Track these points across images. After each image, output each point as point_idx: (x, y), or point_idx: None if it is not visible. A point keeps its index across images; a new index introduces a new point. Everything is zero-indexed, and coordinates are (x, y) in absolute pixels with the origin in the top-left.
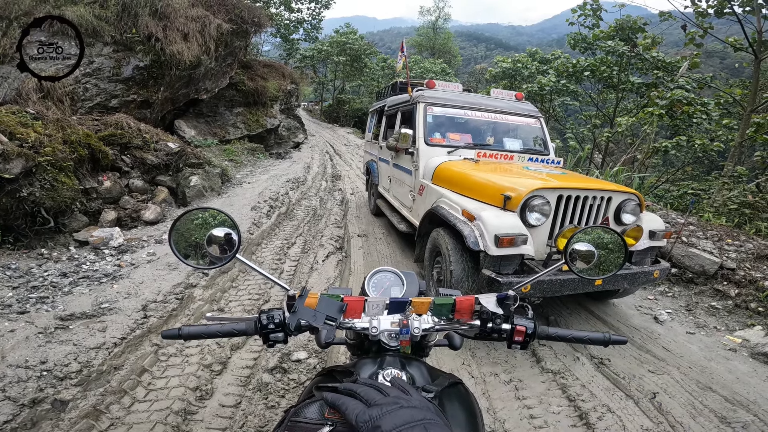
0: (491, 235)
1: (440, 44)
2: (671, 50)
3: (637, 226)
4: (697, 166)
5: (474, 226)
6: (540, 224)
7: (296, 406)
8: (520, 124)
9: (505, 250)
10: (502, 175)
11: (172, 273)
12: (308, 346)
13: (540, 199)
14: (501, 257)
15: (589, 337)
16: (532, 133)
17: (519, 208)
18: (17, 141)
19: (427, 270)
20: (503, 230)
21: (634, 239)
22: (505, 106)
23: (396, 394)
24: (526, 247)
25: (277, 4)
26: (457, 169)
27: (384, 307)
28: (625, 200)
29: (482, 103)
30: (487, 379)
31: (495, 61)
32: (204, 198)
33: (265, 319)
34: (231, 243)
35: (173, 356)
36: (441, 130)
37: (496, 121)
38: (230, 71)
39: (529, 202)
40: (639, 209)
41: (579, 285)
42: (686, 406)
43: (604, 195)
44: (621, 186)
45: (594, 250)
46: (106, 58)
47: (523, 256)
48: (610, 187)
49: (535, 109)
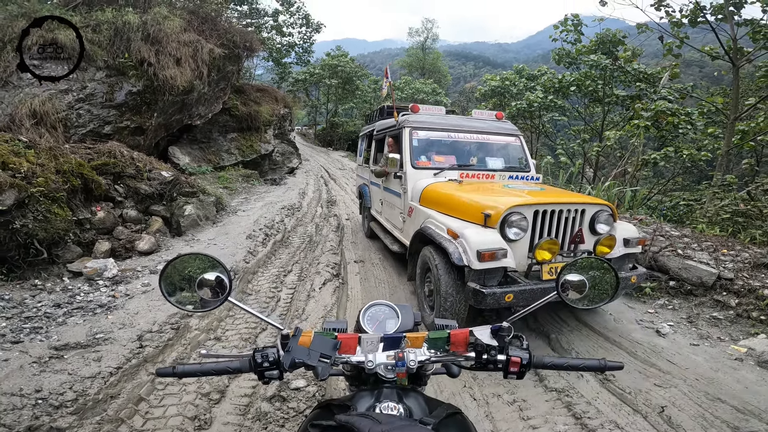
0: (473, 250)
1: (430, 64)
2: (651, 61)
3: (610, 235)
4: (686, 176)
5: (458, 244)
6: (519, 238)
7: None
8: (501, 143)
9: (487, 264)
10: (482, 195)
11: (167, 303)
12: (307, 374)
13: (517, 215)
14: (484, 271)
15: (584, 364)
16: (513, 151)
17: (498, 225)
18: (10, 171)
19: (419, 286)
20: (484, 246)
21: (609, 247)
22: (486, 127)
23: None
24: (507, 260)
25: (268, 29)
26: (442, 191)
27: (378, 342)
28: (599, 211)
29: (464, 124)
30: (490, 401)
31: (484, 80)
32: (199, 227)
33: (260, 358)
34: (222, 286)
35: (171, 385)
36: (427, 153)
37: (478, 141)
38: (223, 96)
39: (508, 219)
40: (612, 219)
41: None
42: (697, 418)
43: (578, 207)
44: (593, 198)
45: (585, 280)
46: (99, 83)
47: (506, 268)
48: (583, 199)
49: (515, 127)
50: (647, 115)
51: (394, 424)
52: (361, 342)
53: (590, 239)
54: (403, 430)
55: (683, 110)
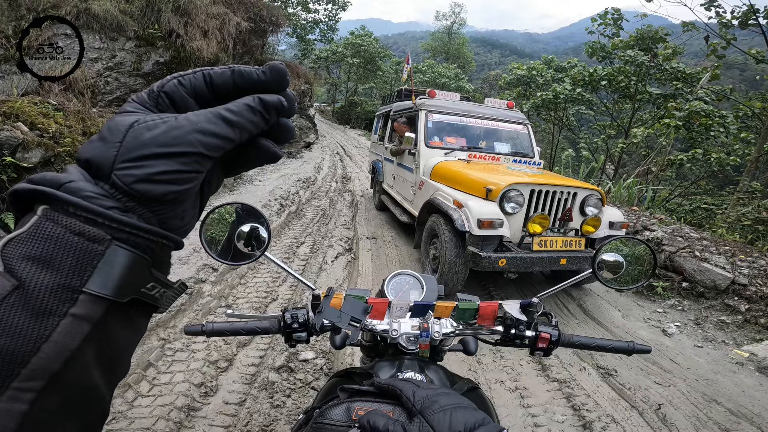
0: (474, 218)
1: (454, 49)
2: (690, 61)
3: (596, 216)
4: (711, 180)
5: (462, 212)
6: (515, 212)
7: (320, 408)
8: (509, 130)
9: (485, 231)
10: (486, 173)
11: (182, 267)
12: (316, 346)
13: (515, 192)
14: (482, 237)
15: (613, 345)
16: (520, 138)
17: (498, 199)
18: (38, 131)
19: (424, 252)
20: (484, 215)
21: (594, 227)
22: (496, 114)
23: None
24: (502, 229)
25: (294, 5)
26: (451, 168)
27: (408, 309)
28: (589, 195)
29: (476, 111)
30: (492, 386)
31: (509, 68)
32: (216, 194)
33: (290, 318)
34: (260, 240)
35: (179, 351)
36: (440, 134)
37: (488, 127)
38: None
39: (506, 194)
40: (601, 203)
41: (546, 263)
42: (690, 417)
43: (570, 190)
44: (585, 183)
45: (622, 260)
46: (128, 52)
47: (501, 237)
48: (575, 184)
49: (524, 116)
50: (680, 115)
51: (437, 390)
52: (391, 307)
53: (579, 219)
54: (448, 396)
55: (718, 112)
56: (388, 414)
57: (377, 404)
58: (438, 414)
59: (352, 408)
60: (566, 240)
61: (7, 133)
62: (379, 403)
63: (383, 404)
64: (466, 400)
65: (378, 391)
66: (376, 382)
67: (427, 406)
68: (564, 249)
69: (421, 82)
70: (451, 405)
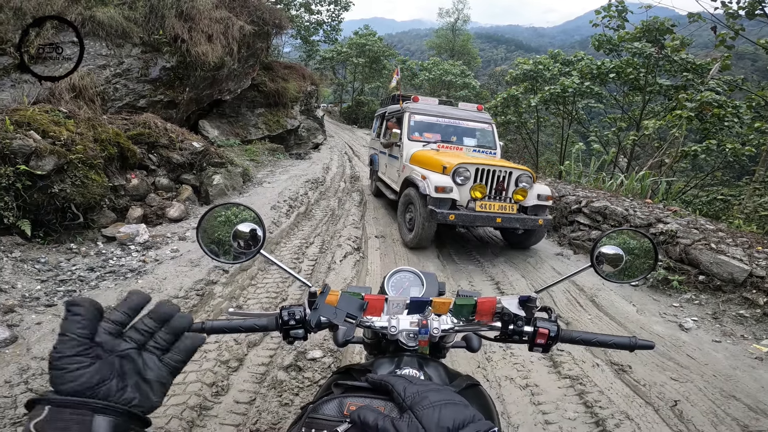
0: (433, 186)
1: (459, 46)
2: (700, 52)
3: (523, 188)
4: (727, 171)
5: (425, 182)
6: (464, 184)
7: (314, 403)
8: (477, 128)
9: (440, 194)
10: (448, 157)
11: (194, 269)
12: (324, 345)
13: (463, 168)
14: (439, 199)
15: (614, 341)
16: (485, 134)
17: (451, 173)
18: (50, 139)
19: (401, 214)
20: (440, 183)
21: (522, 197)
22: (466, 115)
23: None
24: (453, 194)
25: (297, 6)
26: (424, 154)
27: (404, 306)
28: (521, 174)
29: (449, 112)
30: (502, 383)
31: (515, 63)
32: (226, 197)
33: (286, 315)
34: (255, 239)
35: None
36: (420, 131)
37: (458, 125)
38: (252, 72)
39: (457, 170)
40: (531, 180)
41: (485, 220)
42: (708, 414)
43: (506, 170)
44: (519, 165)
45: (622, 253)
46: (135, 59)
47: (454, 201)
48: (511, 165)
49: (489, 117)
50: (691, 106)
51: (428, 386)
52: (387, 304)
53: (511, 191)
54: (439, 392)
55: (731, 103)
56: (380, 409)
57: (369, 400)
58: (427, 410)
59: (344, 403)
60: (501, 205)
61: (20, 142)
62: (372, 398)
63: (375, 400)
64: (458, 396)
65: (371, 386)
66: (369, 377)
67: (418, 401)
68: (499, 211)
69: (427, 80)
70: (441, 401)
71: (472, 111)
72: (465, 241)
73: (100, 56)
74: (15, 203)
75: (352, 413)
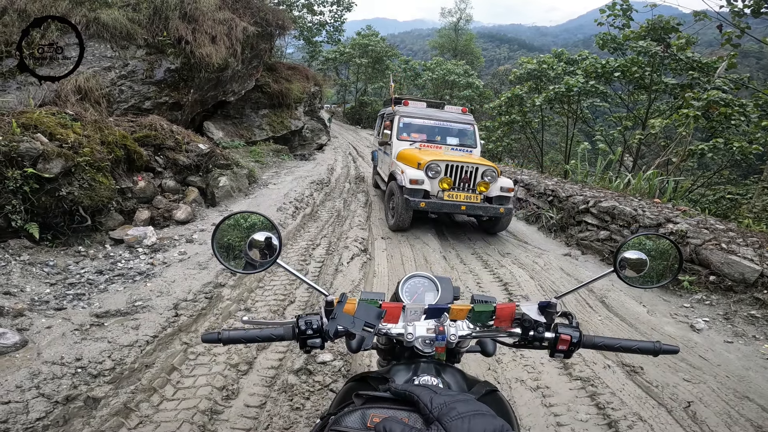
0: (408, 178)
1: (462, 45)
2: (705, 50)
3: (486, 182)
4: (734, 169)
5: (403, 176)
6: (435, 178)
7: (336, 414)
8: (459, 128)
9: (414, 186)
10: (425, 155)
11: (202, 272)
12: (333, 348)
13: (435, 164)
14: (413, 189)
15: (638, 346)
16: (467, 134)
17: (424, 169)
18: (57, 141)
19: (386, 202)
20: (414, 176)
21: (485, 188)
22: (450, 117)
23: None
24: (425, 186)
25: (299, 7)
26: (407, 152)
27: (422, 312)
28: (487, 169)
29: (435, 115)
30: (513, 386)
31: (519, 62)
32: (232, 198)
33: (304, 325)
34: (271, 248)
35: (201, 355)
36: (407, 131)
37: (442, 126)
38: (256, 73)
39: (429, 166)
40: (496, 174)
41: (452, 207)
42: (722, 415)
43: (473, 166)
44: (486, 161)
45: (645, 258)
46: (140, 60)
47: (426, 191)
48: (478, 161)
49: (472, 118)
50: (698, 105)
51: (455, 397)
52: (405, 311)
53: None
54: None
55: (738, 101)
56: (404, 421)
57: (392, 411)
58: (456, 421)
59: (367, 415)
60: (467, 195)
61: (27, 145)
62: (394, 409)
63: (398, 411)
64: (485, 406)
65: (394, 396)
66: (392, 387)
67: (445, 413)
68: (465, 201)
69: (430, 80)
70: (470, 412)
71: (456, 113)
72: (469, 241)
73: (105, 58)
74: (23, 206)
75: (377, 425)
